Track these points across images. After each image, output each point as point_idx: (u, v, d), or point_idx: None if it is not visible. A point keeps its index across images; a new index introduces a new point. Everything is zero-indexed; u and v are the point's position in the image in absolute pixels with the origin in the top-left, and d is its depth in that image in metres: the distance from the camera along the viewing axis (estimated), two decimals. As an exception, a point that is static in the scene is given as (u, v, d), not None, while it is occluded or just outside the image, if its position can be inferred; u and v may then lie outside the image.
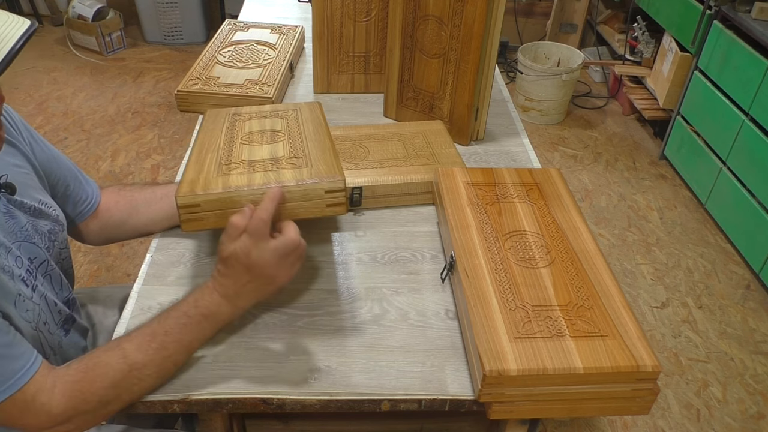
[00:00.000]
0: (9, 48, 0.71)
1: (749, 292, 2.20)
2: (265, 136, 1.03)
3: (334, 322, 0.94)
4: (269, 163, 0.95)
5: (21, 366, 0.74)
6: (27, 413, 0.74)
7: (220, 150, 0.99)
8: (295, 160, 0.96)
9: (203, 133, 1.05)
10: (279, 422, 1.19)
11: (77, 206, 1.04)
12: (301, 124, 1.08)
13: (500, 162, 1.34)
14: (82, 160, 2.74)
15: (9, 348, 0.74)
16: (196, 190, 0.87)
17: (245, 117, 1.11)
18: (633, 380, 0.79)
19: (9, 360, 0.74)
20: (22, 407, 0.74)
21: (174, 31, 3.76)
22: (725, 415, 1.77)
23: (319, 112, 1.12)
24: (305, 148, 0.99)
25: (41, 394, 0.75)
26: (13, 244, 0.84)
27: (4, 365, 0.73)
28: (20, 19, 0.76)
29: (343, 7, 1.45)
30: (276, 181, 0.89)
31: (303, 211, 0.91)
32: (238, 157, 0.96)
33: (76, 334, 0.99)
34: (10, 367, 0.73)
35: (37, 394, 0.74)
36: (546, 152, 2.95)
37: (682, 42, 2.68)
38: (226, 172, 0.92)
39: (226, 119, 1.10)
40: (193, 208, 0.87)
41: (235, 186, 0.88)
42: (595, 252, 0.96)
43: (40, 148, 0.97)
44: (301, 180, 0.90)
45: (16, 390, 0.73)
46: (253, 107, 1.15)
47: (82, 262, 2.20)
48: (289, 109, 1.13)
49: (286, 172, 0.92)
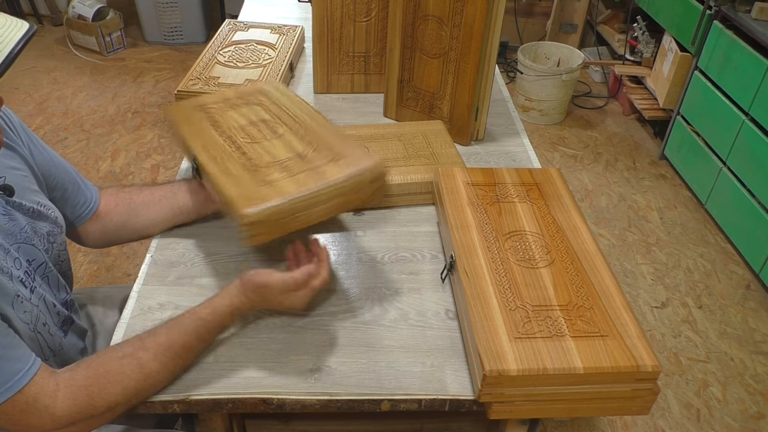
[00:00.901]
0: (8, 51, 0.71)
1: (749, 292, 2.20)
2: (262, 130, 1.02)
3: (334, 322, 0.94)
4: (298, 160, 0.93)
5: (20, 368, 0.74)
6: (29, 415, 0.74)
7: (232, 154, 0.96)
8: (325, 152, 0.94)
9: (193, 137, 1.01)
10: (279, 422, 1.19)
11: (76, 210, 1.03)
12: (284, 108, 1.07)
13: (500, 162, 1.34)
14: (82, 160, 2.74)
15: (8, 349, 0.74)
16: (255, 205, 0.83)
17: (216, 108, 1.08)
18: (633, 380, 0.79)
19: (8, 361, 0.73)
20: (23, 409, 0.74)
21: (174, 31, 3.76)
22: (725, 415, 1.77)
23: (287, 91, 1.12)
24: (315, 136, 0.98)
25: (43, 396, 0.75)
26: (12, 246, 0.84)
27: (4, 366, 0.73)
28: (19, 22, 0.76)
29: (343, 7, 1.45)
30: (326, 179, 0.88)
31: (350, 203, 0.92)
32: (260, 159, 0.94)
33: (74, 335, 0.99)
34: (9, 368, 0.73)
35: (38, 396, 0.74)
36: (546, 152, 2.95)
37: (682, 42, 2.68)
38: (266, 180, 0.88)
39: (196, 114, 1.07)
40: (258, 225, 0.83)
41: (289, 194, 0.85)
42: (595, 252, 0.96)
43: (39, 151, 0.97)
44: (349, 174, 0.89)
45: (16, 391, 0.73)
46: (214, 96, 1.12)
47: (82, 263, 2.20)
48: (255, 93, 1.12)
49: (328, 168, 0.90)
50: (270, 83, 1.15)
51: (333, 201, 0.88)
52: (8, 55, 0.71)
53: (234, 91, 1.15)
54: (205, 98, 1.11)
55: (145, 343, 0.81)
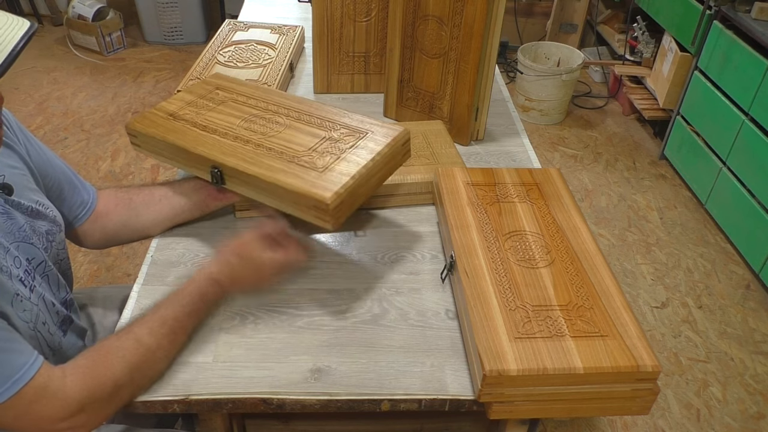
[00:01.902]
0: (10, 49, 0.71)
1: (749, 292, 2.20)
2: (263, 124, 1.03)
3: (334, 322, 0.94)
4: (330, 143, 0.97)
5: (25, 361, 0.74)
6: (40, 404, 0.74)
7: (259, 151, 0.96)
8: (344, 131, 1.00)
9: (198, 144, 0.99)
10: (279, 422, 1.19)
11: (72, 210, 1.04)
12: (256, 98, 1.10)
13: (500, 162, 1.34)
14: (82, 160, 2.74)
15: (11, 343, 0.75)
16: (331, 190, 0.87)
17: (190, 113, 1.07)
18: (633, 380, 0.79)
19: (12, 354, 0.74)
20: (33, 398, 0.74)
21: (174, 31, 3.76)
22: (725, 415, 1.77)
23: (236, 79, 1.17)
24: (317, 117, 1.04)
25: (52, 382, 0.75)
26: (12, 245, 0.84)
27: (10, 359, 0.73)
28: (20, 20, 0.76)
29: (343, 7, 1.45)
30: (371, 152, 0.95)
31: (392, 168, 1.00)
32: (292, 150, 0.96)
33: (74, 335, 0.99)
34: (14, 361, 0.73)
35: (48, 382, 0.75)
36: (546, 152, 2.95)
37: (682, 42, 2.68)
38: (319, 166, 0.92)
39: (175, 123, 1.05)
40: (338, 208, 0.87)
41: (351, 173, 0.90)
42: (595, 252, 0.96)
43: (36, 150, 0.97)
44: (387, 143, 0.96)
45: (25, 383, 0.73)
46: (171, 103, 1.10)
47: (82, 263, 2.20)
48: (211, 89, 1.14)
49: (364, 143, 0.96)
50: (214, 75, 1.19)
51: (383, 170, 0.96)
52: (10, 53, 0.71)
53: (187, 92, 1.14)
54: (165, 106, 1.09)
55: (138, 321, 0.84)
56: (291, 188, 0.88)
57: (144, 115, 1.08)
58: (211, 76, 1.19)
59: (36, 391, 0.74)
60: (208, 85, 1.16)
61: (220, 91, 1.13)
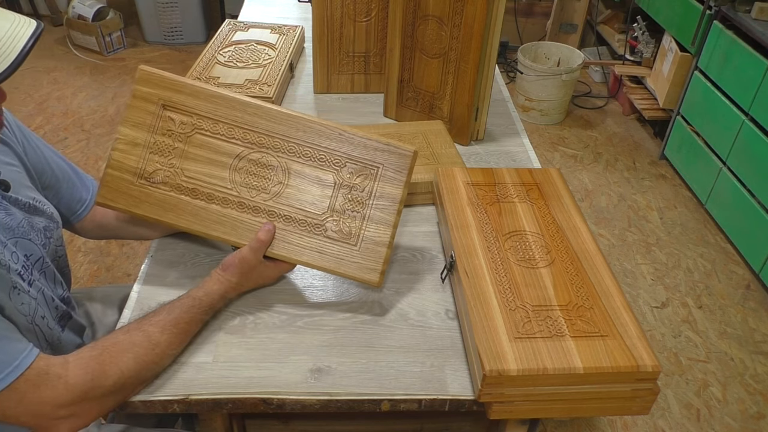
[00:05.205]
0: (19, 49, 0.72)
1: (749, 292, 2.20)
2: (260, 172, 0.93)
3: (334, 322, 0.94)
4: (349, 201, 0.94)
5: (24, 347, 0.75)
6: (42, 388, 0.74)
7: (283, 218, 0.93)
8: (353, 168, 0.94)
9: (189, 221, 0.92)
10: (279, 422, 1.19)
11: (71, 207, 1.04)
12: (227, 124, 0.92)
13: (500, 162, 1.34)
14: (82, 160, 2.74)
15: (8, 331, 0.76)
16: (380, 268, 0.93)
17: (157, 167, 0.92)
18: (633, 380, 0.79)
19: (11, 341, 0.74)
20: (36, 382, 0.74)
21: (174, 31, 3.76)
22: (725, 415, 1.77)
23: (180, 88, 0.92)
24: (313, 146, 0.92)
25: (53, 368, 0.75)
26: (9, 240, 0.85)
27: (10, 345, 0.74)
28: (28, 20, 0.77)
29: (343, 7, 1.45)
30: (394, 201, 0.94)
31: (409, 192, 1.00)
32: (314, 215, 0.93)
33: (72, 331, 0.99)
34: (13, 347, 0.74)
35: (48, 368, 0.75)
36: (546, 152, 2.95)
37: (682, 42, 2.68)
38: (356, 241, 0.93)
39: (143, 190, 0.93)
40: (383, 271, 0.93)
41: (388, 237, 0.93)
42: (595, 252, 0.96)
43: (32, 148, 0.98)
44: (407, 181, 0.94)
45: (26, 367, 0.73)
46: (125, 146, 0.93)
47: (82, 262, 2.20)
48: (160, 110, 0.92)
49: (383, 189, 0.94)
50: (143, 74, 0.92)
51: (403, 203, 0.95)
52: (20, 53, 0.72)
53: (132, 127, 0.92)
54: (122, 162, 0.93)
55: (150, 320, 0.84)
56: (334, 273, 0.93)
57: (106, 184, 0.92)
58: (139, 80, 0.92)
59: (38, 374, 0.74)
60: (148, 103, 0.92)
61: (171, 114, 0.92)
